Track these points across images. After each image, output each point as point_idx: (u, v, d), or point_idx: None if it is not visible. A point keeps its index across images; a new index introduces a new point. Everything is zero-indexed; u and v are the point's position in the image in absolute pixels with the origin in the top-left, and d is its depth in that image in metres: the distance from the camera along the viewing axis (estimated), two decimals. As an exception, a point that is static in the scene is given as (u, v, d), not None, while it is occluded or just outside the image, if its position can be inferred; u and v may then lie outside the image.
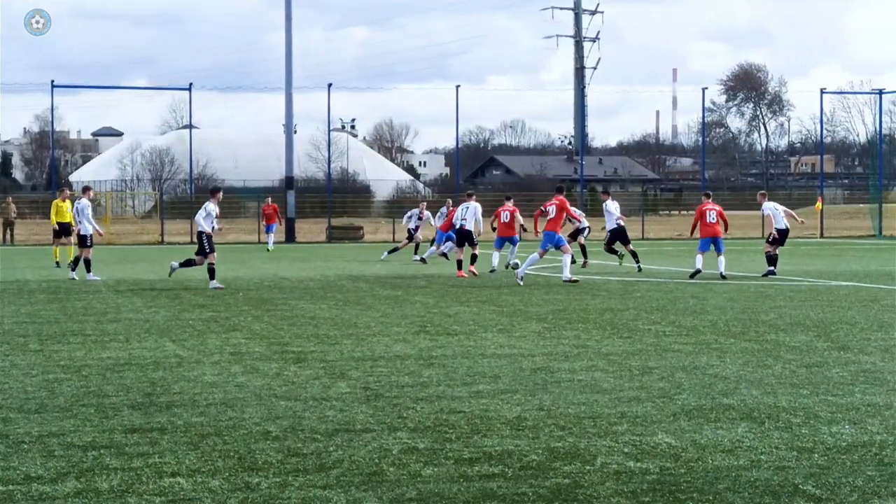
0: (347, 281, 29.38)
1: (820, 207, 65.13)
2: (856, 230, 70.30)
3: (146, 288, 26.91)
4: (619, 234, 33.61)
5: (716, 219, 29.62)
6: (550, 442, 9.57)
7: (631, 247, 33.49)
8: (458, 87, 67.57)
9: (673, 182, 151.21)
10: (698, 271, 29.04)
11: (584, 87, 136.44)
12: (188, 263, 27.50)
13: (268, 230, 52.32)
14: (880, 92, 75.68)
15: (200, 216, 27.32)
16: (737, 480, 8.31)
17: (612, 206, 33.89)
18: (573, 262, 30.23)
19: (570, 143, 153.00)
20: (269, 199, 53.86)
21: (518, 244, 33.11)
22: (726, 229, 30.19)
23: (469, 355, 14.86)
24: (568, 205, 28.27)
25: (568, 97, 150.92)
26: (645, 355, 14.81)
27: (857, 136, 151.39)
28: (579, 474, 8.51)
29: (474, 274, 30.50)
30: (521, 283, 26.86)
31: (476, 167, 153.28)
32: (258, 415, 10.81)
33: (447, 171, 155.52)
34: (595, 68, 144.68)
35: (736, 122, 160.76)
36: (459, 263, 31.03)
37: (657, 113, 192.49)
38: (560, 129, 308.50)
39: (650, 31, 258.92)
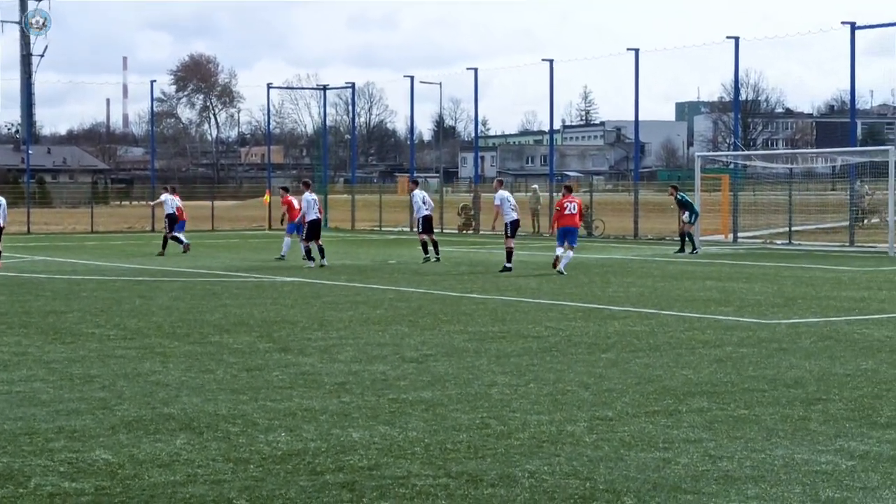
0: None
1: (268, 200, 66.07)
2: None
3: None
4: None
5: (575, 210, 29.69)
6: (-17, 464, 9.25)
7: None
8: None
9: (124, 172, 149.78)
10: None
11: (31, 74, 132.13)
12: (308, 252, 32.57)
13: None
14: (325, 87, 77.94)
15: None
16: (172, 497, 8.30)
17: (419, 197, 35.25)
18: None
19: (17, 132, 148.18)
20: None
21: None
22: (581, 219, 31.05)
23: None
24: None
25: (14, 85, 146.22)
26: (87, 362, 14.54)
27: (305, 127, 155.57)
28: (12, 499, 8.27)
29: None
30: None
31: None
32: None
33: None
34: (42, 55, 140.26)
35: (187, 113, 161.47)
36: None
37: (107, 102, 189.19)
38: (6, 118, 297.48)
39: (97, 19, 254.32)
